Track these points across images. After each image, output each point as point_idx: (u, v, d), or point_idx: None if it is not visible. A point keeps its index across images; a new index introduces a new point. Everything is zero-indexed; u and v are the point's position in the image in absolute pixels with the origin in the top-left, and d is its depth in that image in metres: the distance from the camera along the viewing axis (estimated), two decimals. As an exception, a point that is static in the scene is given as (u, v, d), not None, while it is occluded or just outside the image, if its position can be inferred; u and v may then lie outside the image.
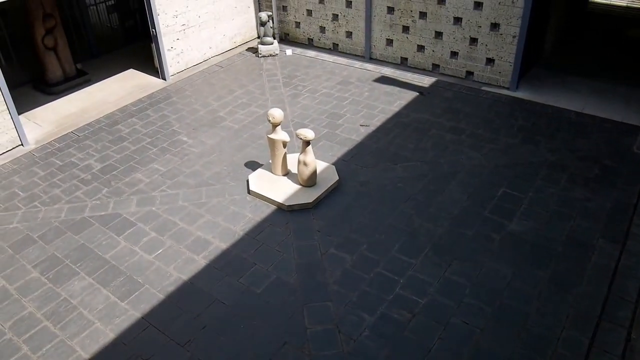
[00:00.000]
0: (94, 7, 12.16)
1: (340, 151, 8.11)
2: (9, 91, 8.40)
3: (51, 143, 8.81)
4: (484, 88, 9.72)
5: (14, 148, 8.68)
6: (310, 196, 7.01)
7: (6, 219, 7.06)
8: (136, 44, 12.46)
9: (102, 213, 7.07)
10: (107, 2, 12.41)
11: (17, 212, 7.17)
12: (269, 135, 7.14)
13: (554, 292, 5.57)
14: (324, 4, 11.39)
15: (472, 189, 7.14)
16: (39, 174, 7.99)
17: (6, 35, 10.33)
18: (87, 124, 9.31)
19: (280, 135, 7.09)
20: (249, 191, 7.29)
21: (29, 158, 8.43)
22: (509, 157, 7.77)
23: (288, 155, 7.51)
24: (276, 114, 6.97)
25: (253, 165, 7.86)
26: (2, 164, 8.30)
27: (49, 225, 6.89)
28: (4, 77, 8.27)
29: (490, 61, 9.66)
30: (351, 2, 10.91)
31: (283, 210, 6.93)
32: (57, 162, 8.28)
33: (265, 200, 7.10)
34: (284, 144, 7.15)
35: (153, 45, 10.59)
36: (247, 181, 7.46)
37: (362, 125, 8.77)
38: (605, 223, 6.46)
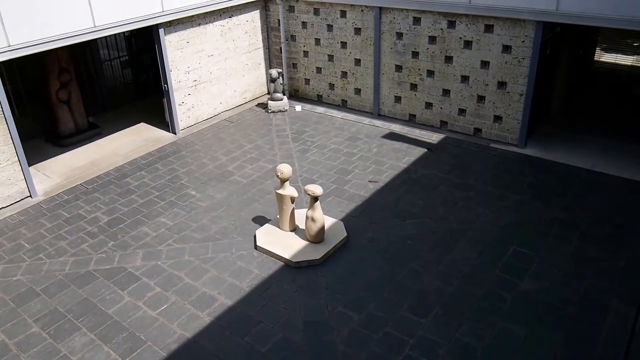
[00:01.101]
0: (109, 63, 12.48)
1: (348, 207, 8.06)
2: (21, 143, 8.50)
3: (59, 195, 8.83)
4: (492, 145, 9.74)
5: (22, 199, 8.70)
6: (318, 252, 6.91)
7: (10, 271, 6.99)
8: (148, 99, 12.68)
9: (107, 266, 6.99)
10: (121, 58, 12.74)
11: (22, 265, 7.10)
12: (277, 191, 7.12)
13: (569, 355, 5.37)
14: (333, 61, 11.62)
15: (483, 247, 7.02)
16: (46, 226, 7.97)
17: (22, 88, 10.57)
18: (96, 177, 9.35)
19: (289, 190, 7.07)
20: (256, 247, 7.20)
21: (36, 210, 8.43)
22: (519, 214, 7.69)
23: (296, 211, 7.47)
24: (285, 169, 6.97)
25: (260, 221, 7.81)
26: (10, 215, 8.29)
27: (52, 278, 6.80)
28: (17, 129, 8.39)
29: (498, 118, 9.73)
30: (360, 60, 11.13)
31: (290, 267, 6.83)
32: (65, 214, 8.27)
33: (272, 256, 7.00)
34: (292, 200, 7.12)
35: (164, 100, 10.77)
36: (255, 236, 7.39)
37: (371, 181, 8.76)
38: (620, 283, 6.31)
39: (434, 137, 10.20)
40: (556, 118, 10.76)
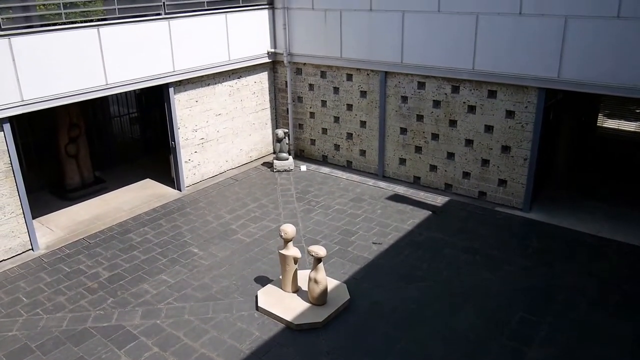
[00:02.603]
0: (118, 119, 12.71)
1: (352, 269, 7.96)
2: (27, 195, 8.54)
3: (61, 249, 8.78)
4: (497, 209, 9.72)
5: (23, 252, 8.65)
6: (320, 315, 6.77)
7: (6, 326, 6.85)
8: (155, 154, 12.82)
9: (105, 324, 6.85)
10: (130, 115, 12.98)
11: (18, 319, 6.97)
12: (280, 251, 7.07)
13: None
14: (339, 123, 11.80)
15: (488, 313, 6.87)
16: (45, 280, 7.87)
17: (31, 141, 10.72)
18: (99, 231, 9.32)
19: (292, 251, 7.01)
20: (257, 307, 7.07)
21: (37, 263, 8.36)
22: (526, 279, 7.57)
23: (299, 272, 7.37)
24: (288, 229, 6.95)
25: (263, 281, 7.70)
26: (10, 268, 8.22)
27: (49, 335, 6.65)
28: (24, 181, 8.46)
29: (502, 182, 9.76)
30: (365, 122, 11.30)
31: (292, 329, 6.67)
32: (65, 268, 8.19)
33: (273, 318, 6.86)
34: (295, 261, 7.05)
35: (171, 156, 10.89)
36: (256, 297, 7.27)
37: (375, 243, 8.70)
38: (631, 351, 6.12)
39: (439, 200, 10.20)
40: (560, 183, 10.79)
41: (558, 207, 9.71)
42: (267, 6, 11.88)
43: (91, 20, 8.80)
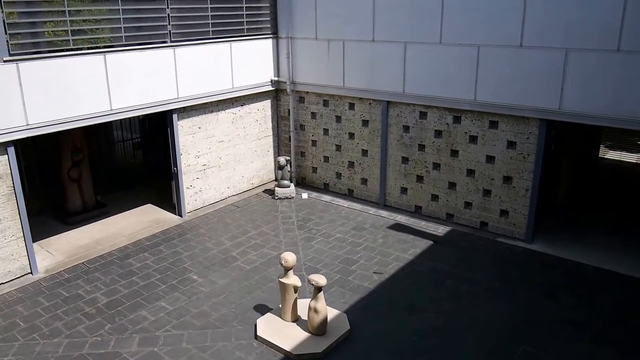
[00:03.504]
0: (121, 144, 12.77)
1: (352, 299, 7.89)
2: (28, 218, 8.54)
3: (60, 273, 8.73)
4: (499, 239, 9.68)
5: (22, 276, 8.60)
6: (320, 345, 6.69)
7: (2, 350, 6.77)
8: (157, 180, 12.83)
9: (102, 351, 6.76)
10: (133, 140, 13.05)
11: (14, 344, 6.89)
12: (281, 279, 7.02)
13: None
14: (340, 151, 11.85)
15: (491, 345, 6.79)
16: (43, 305, 7.81)
17: (35, 164, 10.76)
18: (99, 256, 9.28)
19: (292, 279, 6.96)
20: (256, 336, 6.99)
21: (35, 287, 8.31)
22: (528, 312, 7.49)
23: (299, 301, 7.30)
24: (289, 258, 6.91)
25: (262, 309, 7.63)
26: (8, 292, 8.16)
27: (44, 362, 6.58)
28: (26, 204, 8.48)
29: (504, 213, 9.74)
30: (367, 151, 11.35)
31: (291, 359, 6.58)
32: (64, 293, 8.13)
33: (272, 347, 6.77)
34: (295, 289, 7.00)
35: (173, 182, 10.90)
36: (255, 325, 7.19)
37: (376, 273, 8.64)
38: (636, 391, 6.03)
39: (440, 230, 10.17)
40: (563, 214, 10.76)
41: (560, 239, 9.67)
42: (271, 36, 12.05)
43: (98, 47, 8.91)
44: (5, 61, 7.75)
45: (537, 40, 8.62)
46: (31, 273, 8.69)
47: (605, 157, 14.76)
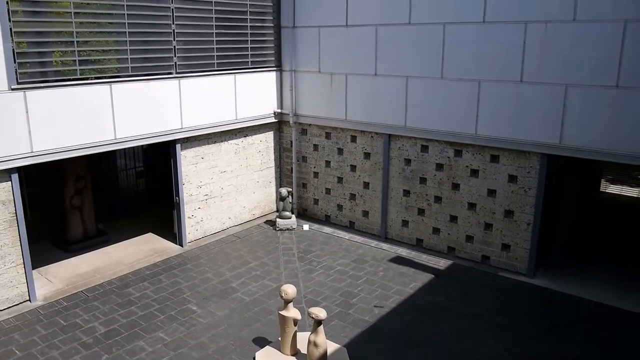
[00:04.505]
0: (124, 172, 12.83)
1: (352, 332, 7.81)
2: (29, 245, 8.53)
3: (59, 301, 8.67)
4: (500, 273, 9.62)
5: (20, 303, 8.55)
6: (319, 379, 6.60)
7: (-4, 381, 6.69)
8: (159, 208, 12.83)
9: (98, 382, 6.68)
10: (136, 168, 13.12)
11: (9, 375, 6.82)
12: (280, 312, 6.97)
13: None
14: (342, 183, 11.89)
15: (492, 383, 6.69)
16: (40, 333, 7.74)
17: (38, 191, 10.80)
18: (98, 285, 9.23)
19: (292, 312, 6.91)
20: (254, 369, 6.91)
21: (33, 315, 8.24)
22: (531, 348, 7.40)
23: (298, 334, 7.23)
24: (289, 290, 6.87)
25: (261, 342, 7.55)
26: (6, 319, 8.10)
27: (39, 393, 6.48)
28: (27, 230, 8.49)
29: (506, 247, 9.71)
30: (369, 183, 11.38)
31: (289, 393, 6.49)
32: (61, 321, 8.06)
33: (270, 380, 6.69)
34: (295, 322, 6.94)
35: (175, 211, 10.91)
36: (254, 358, 7.10)
37: (376, 307, 8.57)
38: None
39: (442, 263, 10.12)
40: (565, 248, 10.72)
41: (563, 273, 9.61)
42: (275, 68, 12.23)
43: (104, 77, 9.04)
44: (13, 89, 7.87)
45: (536, 76, 8.74)
46: (29, 300, 8.63)
47: (607, 190, 14.78)
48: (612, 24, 7.92)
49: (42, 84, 8.22)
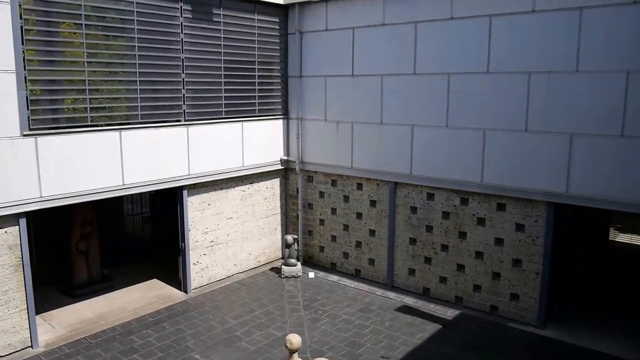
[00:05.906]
0: (131, 217, 12.86)
1: (358, 382, 7.63)
2: (33, 290, 8.48)
3: (61, 348, 8.55)
4: (510, 324, 9.43)
5: (22, 349, 8.43)
6: None
7: None
8: (164, 254, 12.78)
9: None
10: (143, 214, 13.16)
11: None
12: (285, 360, 6.83)
13: None
14: (348, 231, 11.85)
15: None
16: (40, 383, 7.61)
17: (43, 236, 10.81)
18: (101, 331, 9.11)
19: (297, 361, 6.76)
20: (257, 420, 6.71)
21: (34, 364, 8.13)
22: (541, 403, 7.18)
23: (303, 383, 7.07)
24: (294, 340, 6.73)
25: (265, 391, 7.38)
26: (5, 368, 7.99)
27: None
28: (32, 275, 8.45)
29: (514, 297, 9.55)
30: (375, 231, 11.34)
31: None
32: (62, 370, 7.93)
33: None
34: (300, 371, 6.79)
35: (180, 258, 10.87)
36: (257, 409, 6.93)
37: (383, 357, 8.38)
38: None
39: (449, 313, 9.95)
40: (575, 298, 10.53)
41: (574, 324, 9.41)
42: (282, 116, 12.42)
43: (114, 123, 9.20)
44: (24, 135, 8.01)
45: (541, 125, 8.82)
46: (31, 347, 8.52)
47: (616, 239, 14.63)
48: (615, 74, 8.05)
49: (53, 130, 8.37)
